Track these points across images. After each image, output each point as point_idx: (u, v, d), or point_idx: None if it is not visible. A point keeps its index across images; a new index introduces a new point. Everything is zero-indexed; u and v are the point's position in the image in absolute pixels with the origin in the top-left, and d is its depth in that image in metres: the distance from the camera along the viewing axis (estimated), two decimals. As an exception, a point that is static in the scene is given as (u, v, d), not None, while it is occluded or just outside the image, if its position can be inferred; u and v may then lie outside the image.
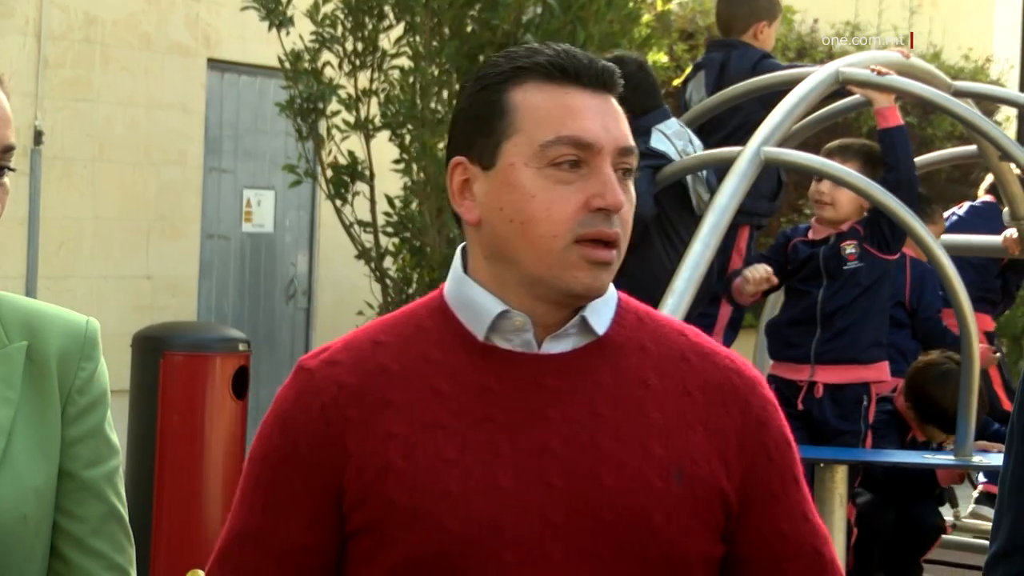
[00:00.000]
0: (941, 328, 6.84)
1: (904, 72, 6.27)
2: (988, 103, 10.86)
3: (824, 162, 6.08)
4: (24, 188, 8.91)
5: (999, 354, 7.58)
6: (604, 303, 2.13)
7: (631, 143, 2.10)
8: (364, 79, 8.77)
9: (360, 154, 8.80)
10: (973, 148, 7.16)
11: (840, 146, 6.37)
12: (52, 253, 9.16)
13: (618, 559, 2.04)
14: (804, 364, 6.14)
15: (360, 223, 8.79)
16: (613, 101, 2.11)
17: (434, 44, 8.52)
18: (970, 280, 6.46)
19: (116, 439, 2.17)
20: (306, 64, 8.75)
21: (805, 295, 6.19)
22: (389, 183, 8.95)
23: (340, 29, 8.70)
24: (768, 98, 6.25)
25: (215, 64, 10.04)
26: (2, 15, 8.89)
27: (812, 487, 5.24)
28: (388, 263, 8.92)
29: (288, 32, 8.70)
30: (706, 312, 6.23)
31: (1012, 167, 6.68)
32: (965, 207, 8.03)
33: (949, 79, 6.85)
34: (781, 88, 6.22)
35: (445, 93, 8.60)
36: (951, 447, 6.08)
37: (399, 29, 8.70)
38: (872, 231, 6.15)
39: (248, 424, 7.04)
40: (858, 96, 6.42)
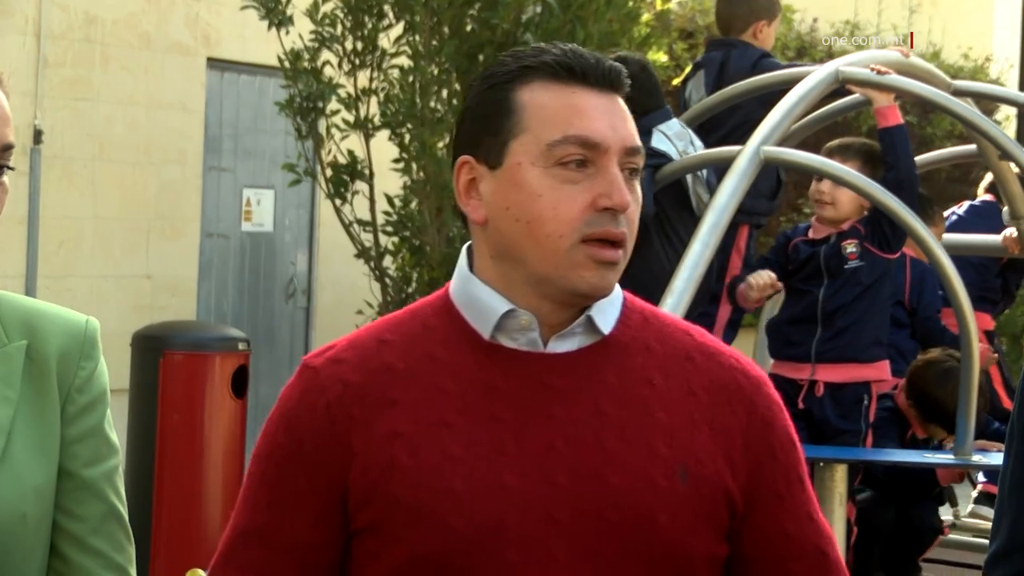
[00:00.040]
0: (940, 328, 6.83)
1: (904, 71, 6.26)
2: (988, 102, 10.85)
3: (824, 161, 6.07)
4: (24, 187, 8.91)
5: (998, 355, 7.57)
6: (610, 303, 2.13)
7: (638, 143, 2.11)
8: (364, 78, 8.77)
9: (360, 153, 8.79)
10: (973, 147, 7.16)
11: (840, 145, 6.36)
12: (52, 252, 9.16)
13: (623, 558, 2.03)
14: (805, 363, 6.13)
15: (360, 222, 8.78)
16: (620, 101, 2.12)
17: (434, 43, 8.51)
18: (970, 279, 6.45)
19: (116, 438, 2.17)
20: (306, 63, 8.74)
21: (806, 294, 6.19)
22: (388, 182, 8.95)
23: (340, 28, 8.69)
24: (767, 97, 6.24)
25: (215, 63, 10.04)
26: (2, 14, 8.89)
27: (812, 486, 5.23)
28: (388, 262, 8.92)
29: (288, 31, 8.70)
30: (706, 312, 6.22)
31: (1012, 166, 6.67)
32: (965, 206, 8.02)
33: (949, 78, 6.84)
34: (780, 87, 6.21)
35: (445, 92, 8.59)
36: (951, 445, 6.08)
37: (399, 28, 8.69)
38: (873, 230, 6.14)
39: (248, 423, 7.05)
40: (858, 95, 6.41)
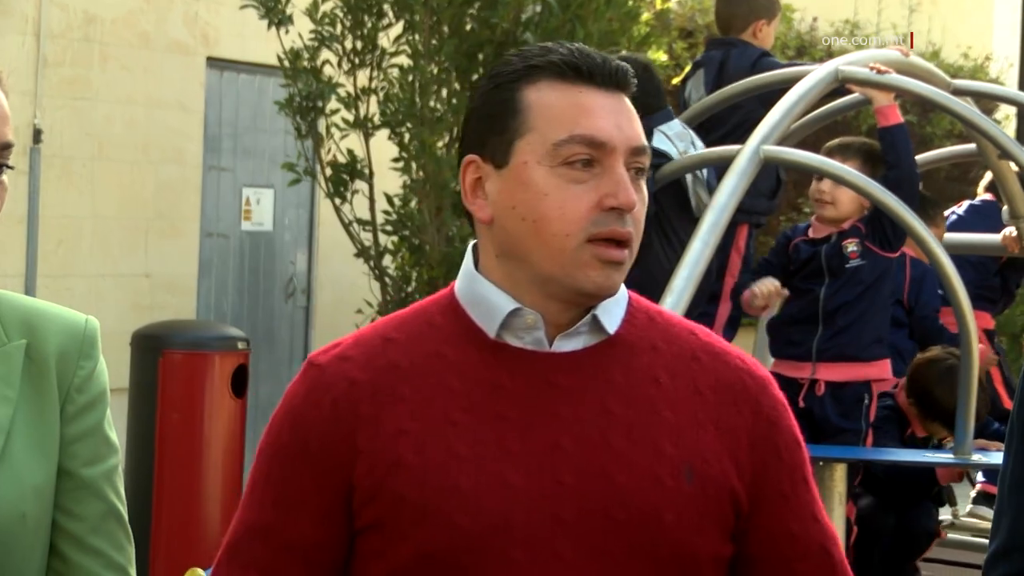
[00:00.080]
0: (937, 327, 6.83)
1: (903, 70, 6.26)
2: (987, 101, 10.86)
3: (823, 160, 6.07)
4: (23, 186, 8.91)
5: (999, 356, 7.57)
6: (615, 302, 2.13)
7: (644, 143, 2.10)
8: (363, 77, 8.76)
9: (359, 152, 8.79)
10: (972, 146, 7.16)
11: (840, 144, 6.36)
12: (51, 251, 9.15)
13: (629, 557, 2.03)
14: (806, 362, 6.14)
15: (359, 221, 8.78)
16: (626, 100, 2.11)
17: (433, 42, 8.51)
18: (969, 278, 6.45)
19: (115, 437, 2.17)
20: (305, 62, 8.74)
21: (807, 293, 6.19)
22: (388, 181, 8.95)
23: (339, 27, 8.69)
24: (767, 96, 6.24)
25: (214, 62, 10.03)
26: (1, 13, 8.88)
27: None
28: (387, 261, 8.91)
29: (287, 30, 8.69)
30: (705, 311, 6.22)
31: (1011, 165, 6.67)
32: (965, 206, 8.02)
33: (948, 77, 6.83)
34: (780, 86, 6.20)
35: (444, 91, 8.59)
36: (951, 444, 6.08)
37: (398, 27, 8.69)
38: (874, 229, 6.15)
39: (247, 423, 7.05)
40: (857, 94, 6.41)
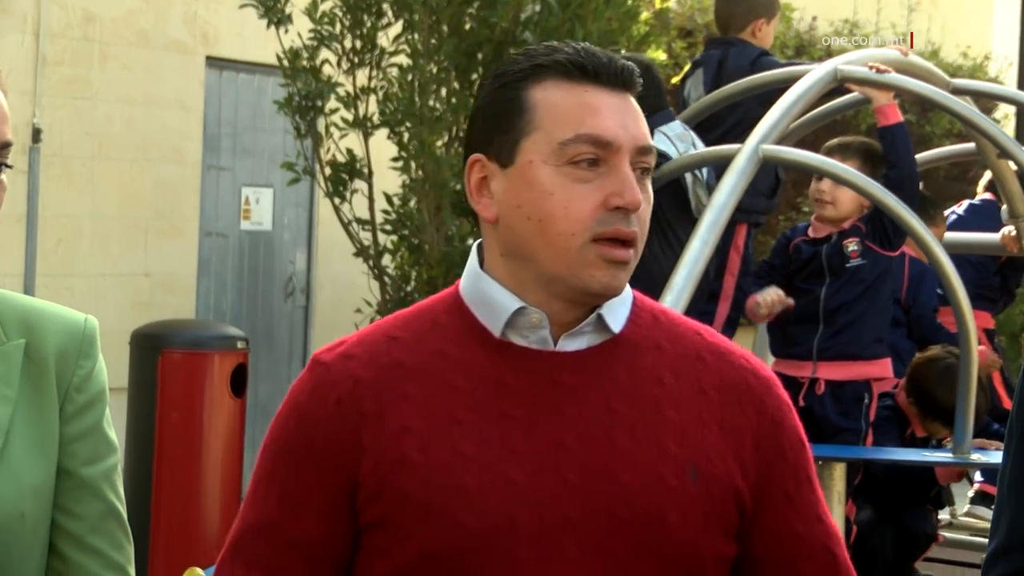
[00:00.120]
0: (935, 326, 6.83)
1: (903, 70, 6.26)
2: (987, 101, 10.85)
3: (823, 160, 6.07)
4: (22, 186, 8.91)
5: (1000, 357, 7.56)
6: (620, 301, 2.13)
7: (649, 142, 2.10)
8: (362, 77, 8.76)
9: (358, 152, 8.78)
10: (972, 146, 7.16)
11: (840, 144, 6.36)
12: (50, 251, 9.15)
13: (633, 557, 2.04)
14: (806, 361, 6.14)
15: (358, 221, 8.77)
16: (632, 100, 2.11)
17: (432, 42, 8.51)
18: (968, 278, 6.45)
19: (114, 437, 2.17)
20: (304, 62, 8.73)
21: (807, 292, 6.20)
22: (387, 181, 8.94)
23: (338, 27, 8.68)
24: (766, 95, 6.24)
25: (213, 62, 10.03)
26: (1, 12, 8.88)
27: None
28: (386, 261, 8.90)
29: (287, 30, 8.69)
30: (705, 310, 6.22)
31: (1011, 165, 6.67)
32: (964, 205, 8.02)
33: (948, 77, 6.83)
34: (779, 85, 6.20)
35: (443, 91, 8.58)
36: (951, 444, 6.08)
37: (397, 27, 8.68)
38: (874, 228, 6.15)
39: (246, 422, 7.05)
40: (857, 94, 6.41)
